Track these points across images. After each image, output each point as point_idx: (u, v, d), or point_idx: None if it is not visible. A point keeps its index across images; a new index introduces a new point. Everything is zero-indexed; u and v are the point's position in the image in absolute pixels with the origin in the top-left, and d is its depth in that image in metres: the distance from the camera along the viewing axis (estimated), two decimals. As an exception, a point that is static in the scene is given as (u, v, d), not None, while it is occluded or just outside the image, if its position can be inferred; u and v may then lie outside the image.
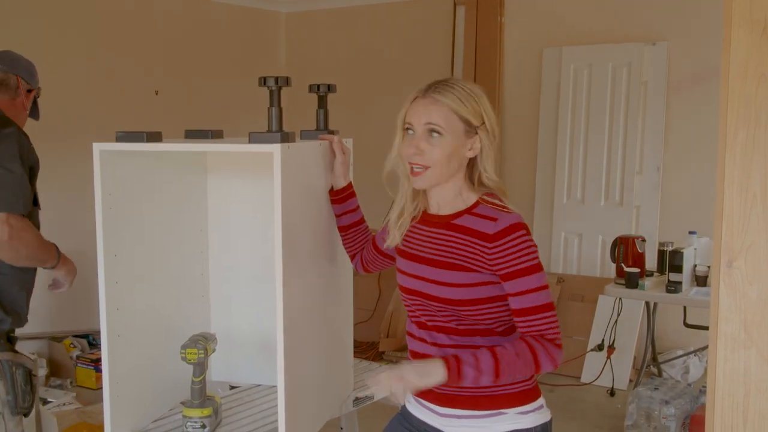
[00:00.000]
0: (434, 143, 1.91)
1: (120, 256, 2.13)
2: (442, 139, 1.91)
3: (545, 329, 1.90)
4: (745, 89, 1.48)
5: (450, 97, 1.91)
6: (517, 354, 1.86)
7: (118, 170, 2.12)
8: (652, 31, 5.69)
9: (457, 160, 1.95)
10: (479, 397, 1.98)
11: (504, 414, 1.98)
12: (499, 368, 1.85)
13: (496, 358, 1.85)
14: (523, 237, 1.89)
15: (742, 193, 1.49)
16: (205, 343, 2.21)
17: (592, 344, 5.39)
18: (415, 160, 1.93)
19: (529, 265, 1.89)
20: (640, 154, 5.76)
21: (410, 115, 1.95)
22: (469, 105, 1.92)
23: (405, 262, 2.07)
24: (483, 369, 1.84)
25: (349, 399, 2.50)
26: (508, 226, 1.89)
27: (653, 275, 4.69)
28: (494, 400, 1.98)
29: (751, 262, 1.49)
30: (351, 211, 2.32)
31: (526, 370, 1.88)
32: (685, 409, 4.20)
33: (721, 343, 1.53)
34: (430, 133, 1.91)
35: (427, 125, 1.91)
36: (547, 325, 1.90)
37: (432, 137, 1.92)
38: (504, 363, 1.85)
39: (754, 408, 1.51)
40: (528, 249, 1.89)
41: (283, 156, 1.89)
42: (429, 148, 1.92)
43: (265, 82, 2.00)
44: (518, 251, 1.88)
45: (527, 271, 1.88)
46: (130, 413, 2.22)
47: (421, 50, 6.69)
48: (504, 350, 1.87)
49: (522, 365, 1.87)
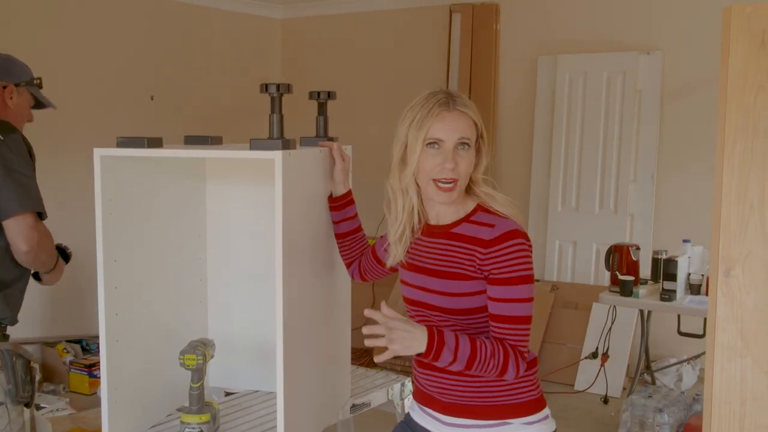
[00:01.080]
0: (463, 156, 1.93)
1: (120, 262, 2.13)
2: (470, 151, 1.94)
3: (516, 341, 1.90)
4: (743, 99, 1.50)
5: (472, 109, 1.94)
6: (492, 354, 1.87)
7: (119, 176, 2.12)
8: (646, 40, 5.72)
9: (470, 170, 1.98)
10: (485, 407, 1.98)
11: (509, 424, 1.98)
12: (473, 362, 1.86)
13: (474, 350, 1.86)
14: (519, 246, 1.89)
15: (740, 203, 1.51)
16: (204, 349, 2.21)
17: (585, 352, 5.40)
18: (450, 175, 1.92)
19: (518, 276, 1.88)
20: (635, 162, 5.78)
21: (437, 130, 1.91)
22: (478, 116, 1.96)
23: (408, 274, 2.08)
24: (459, 357, 1.85)
25: (347, 405, 2.51)
26: (505, 232, 1.90)
27: (647, 283, 4.71)
28: (500, 410, 1.98)
29: (748, 272, 1.50)
30: (349, 218, 2.32)
31: (493, 372, 1.88)
32: (679, 417, 4.21)
33: (718, 351, 1.54)
34: (462, 146, 1.92)
35: (460, 139, 1.91)
36: (519, 338, 1.90)
37: (461, 150, 1.92)
38: (479, 358, 1.86)
39: (751, 417, 1.52)
40: (521, 259, 1.88)
41: (284, 163, 1.90)
42: (459, 161, 1.92)
43: (266, 89, 2.01)
44: (511, 259, 1.88)
45: (515, 280, 1.88)
46: (128, 419, 2.21)
47: (416, 58, 6.71)
48: (483, 346, 1.87)
49: (493, 366, 1.88)
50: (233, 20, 6.98)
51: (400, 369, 5.55)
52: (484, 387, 1.97)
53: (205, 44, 6.70)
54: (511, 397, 1.98)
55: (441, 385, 2.02)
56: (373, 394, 2.62)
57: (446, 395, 2.02)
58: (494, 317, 1.91)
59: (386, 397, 2.67)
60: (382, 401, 2.66)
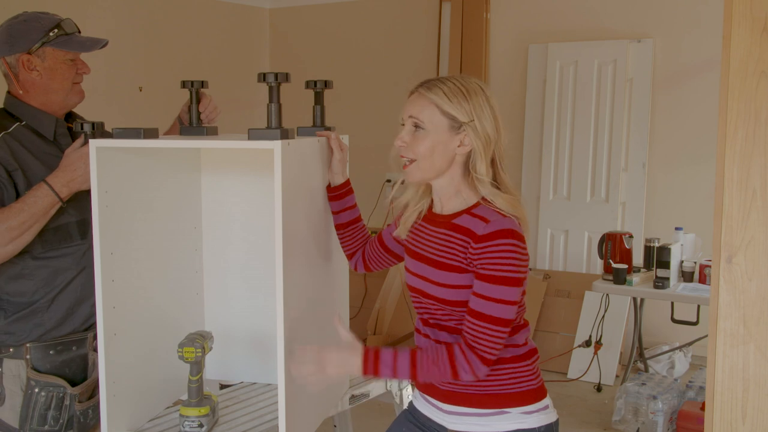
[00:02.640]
0: (417, 136, 1.95)
1: (116, 254, 2.11)
2: (425, 132, 1.94)
3: (480, 340, 1.88)
4: (745, 86, 1.49)
5: (436, 92, 1.93)
6: (434, 361, 1.90)
7: (115, 167, 2.10)
8: (637, 28, 5.73)
9: (444, 156, 1.95)
10: (483, 396, 1.99)
11: (507, 413, 1.98)
12: (416, 373, 1.91)
13: (413, 363, 1.90)
14: (509, 245, 1.86)
15: (742, 190, 1.50)
16: (203, 341, 2.19)
17: (578, 340, 5.42)
18: (402, 152, 1.98)
19: (500, 275, 1.86)
20: (626, 150, 5.79)
21: (403, 110, 1.99)
22: (455, 100, 1.91)
23: (410, 261, 2.08)
24: (399, 371, 1.91)
25: (346, 396, 2.50)
26: (497, 230, 1.87)
27: (640, 271, 4.72)
28: (498, 399, 1.99)
29: (751, 258, 1.50)
30: (349, 208, 2.31)
31: (444, 377, 1.91)
32: (673, 404, 4.23)
33: (720, 338, 1.54)
34: (415, 127, 1.95)
35: (410, 119, 1.95)
36: (483, 337, 1.88)
37: (417, 131, 1.95)
38: (419, 368, 1.90)
39: (753, 403, 1.53)
40: (509, 258, 1.86)
41: (283, 153, 1.88)
42: (413, 141, 1.95)
43: (264, 78, 1.99)
44: (498, 257, 1.86)
45: (497, 279, 1.86)
46: (127, 412, 2.20)
47: (406, 47, 6.70)
48: (423, 356, 1.91)
49: (438, 373, 1.90)
50: (221, 10, 6.94)
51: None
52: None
53: (193, 34, 6.66)
54: (509, 387, 1.98)
55: None
56: (372, 385, 2.62)
57: (445, 384, 2.02)
58: (469, 311, 1.90)
59: (385, 388, 2.66)
60: (380, 392, 2.66)
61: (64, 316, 2.35)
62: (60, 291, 2.34)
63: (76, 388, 2.35)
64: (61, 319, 2.35)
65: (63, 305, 2.35)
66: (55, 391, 2.32)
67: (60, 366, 2.36)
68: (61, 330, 2.36)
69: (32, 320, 2.32)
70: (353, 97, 6.71)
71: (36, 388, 2.30)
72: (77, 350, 2.39)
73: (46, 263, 2.32)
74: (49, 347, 2.34)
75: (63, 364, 2.36)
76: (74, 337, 2.38)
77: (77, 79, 2.42)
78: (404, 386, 2.71)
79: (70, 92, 2.40)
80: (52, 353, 2.34)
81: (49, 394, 2.31)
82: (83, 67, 2.43)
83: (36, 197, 2.20)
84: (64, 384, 2.34)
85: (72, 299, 2.36)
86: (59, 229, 2.31)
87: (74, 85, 2.41)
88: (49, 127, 2.37)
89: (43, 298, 2.32)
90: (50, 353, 2.33)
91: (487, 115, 1.94)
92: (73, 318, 2.37)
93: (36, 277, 2.31)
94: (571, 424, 4.59)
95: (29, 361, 2.31)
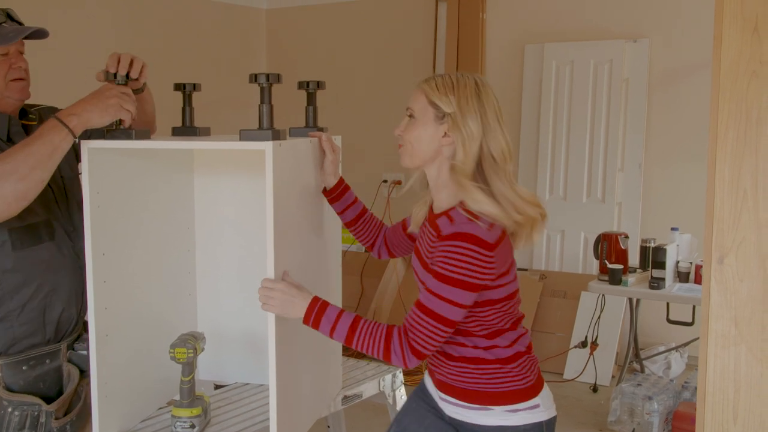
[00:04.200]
0: (409, 125, 2.04)
1: (108, 255, 2.11)
2: (415, 121, 2.02)
3: (417, 332, 1.89)
4: (736, 86, 1.49)
5: (429, 84, 2.01)
6: (371, 336, 1.92)
7: (106, 168, 2.09)
8: (633, 28, 5.72)
9: (430, 144, 2.00)
10: (469, 391, 2.03)
11: (491, 410, 2.02)
12: (351, 339, 1.93)
13: (353, 329, 1.93)
14: (466, 249, 1.86)
15: (733, 190, 1.50)
16: (195, 342, 2.19)
17: (574, 340, 5.41)
18: (398, 140, 2.08)
19: (446, 275, 1.86)
20: (622, 151, 5.79)
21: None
22: (441, 91, 1.97)
23: (413, 256, 2.18)
24: (337, 331, 1.94)
25: (339, 397, 2.50)
26: (457, 232, 1.88)
27: (636, 272, 4.72)
28: (482, 396, 2.02)
29: (742, 259, 1.50)
30: (351, 204, 2.33)
31: (375, 352, 1.92)
32: (668, 404, 4.23)
33: (712, 339, 1.54)
34: (410, 116, 2.04)
35: (407, 110, 2.05)
36: (422, 331, 1.89)
37: (410, 120, 2.04)
38: (357, 337, 1.93)
39: (745, 404, 1.52)
40: (462, 262, 1.85)
41: (275, 153, 1.88)
42: (406, 129, 2.04)
43: (256, 79, 1.98)
44: (452, 258, 1.86)
45: (443, 277, 1.87)
46: (119, 413, 2.20)
47: (402, 47, 6.69)
48: (365, 325, 1.93)
49: (372, 348, 1.92)
50: (217, 10, 6.93)
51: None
52: (467, 371, 2.03)
53: (188, 35, 6.65)
54: (492, 386, 2.02)
55: (433, 361, 2.10)
56: (365, 385, 2.62)
57: (437, 372, 2.10)
58: (416, 302, 1.93)
59: (377, 389, 2.66)
60: (373, 392, 2.65)
61: (36, 324, 2.19)
62: (31, 296, 2.18)
63: (52, 405, 2.21)
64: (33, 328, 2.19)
65: (34, 312, 2.19)
66: (30, 410, 2.17)
67: (34, 381, 2.20)
68: (33, 340, 2.19)
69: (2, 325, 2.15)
70: (350, 98, 6.71)
71: (9, 407, 2.15)
72: (51, 363, 2.24)
73: (15, 266, 2.14)
74: (21, 363, 2.18)
75: (37, 379, 2.21)
76: (47, 349, 2.22)
77: (13, 74, 2.18)
78: (397, 387, 2.71)
79: (5, 90, 2.17)
80: (25, 368, 2.18)
81: (24, 413, 2.17)
82: (18, 61, 2.20)
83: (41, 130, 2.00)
84: (39, 402, 2.18)
85: (43, 305, 2.20)
86: (29, 229, 2.14)
87: (10, 83, 2.18)
88: (1, 126, 2.18)
89: (13, 302, 2.15)
90: (23, 369, 2.18)
91: (472, 109, 1.95)
92: (46, 327, 2.22)
93: (5, 281, 2.15)
94: (567, 425, 4.59)
95: (1, 379, 2.16)
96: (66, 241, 2.23)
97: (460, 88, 1.96)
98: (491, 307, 1.97)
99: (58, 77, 5.50)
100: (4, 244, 2.11)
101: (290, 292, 1.94)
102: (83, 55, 5.73)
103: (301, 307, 1.95)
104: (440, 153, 2.00)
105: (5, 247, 2.11)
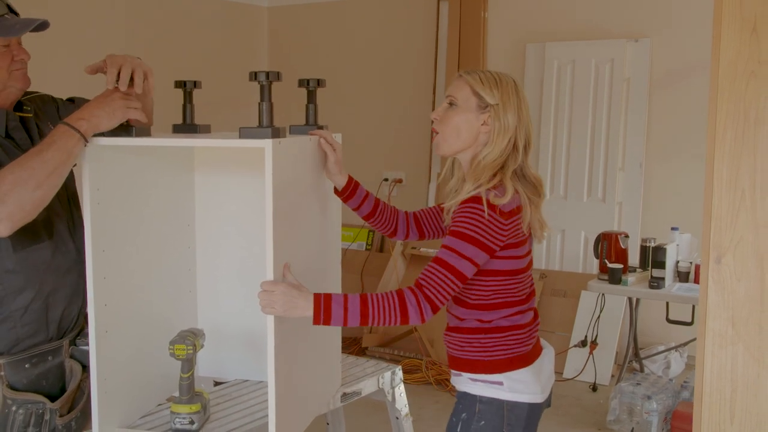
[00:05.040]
0: (449, 112, 2.16)
1: (108, 252, 2.11)
2: (456, 109, 2.15)
3: (431, 281, 1.99)
4: (734, 87, 1.50)
5: (473, 76, 2.15)
6: (385, 300, 1.97)
7: (107, 165, 2.10)
8: (634, 27, 5.72)
9: (469, 132, 2.15)
10: (451, 357, 2.22)
11: (459, 376, 2.20)
12: (366, 316, 1.97)
13: (365, 305, 1.97)
14: (481, 211, 2.01)
15: (731, 190, 1.51)
16: (194, 338, 2.19)
17: (574, 340, 5.41)
18: (435, 125, 2.20)
19: (462, 231, 2.01)
20: (623, 150, 5.79)
21: (445, 92, 2.24)
22: (486, 84, 2.13)
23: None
24: (350, 309, 1.97)
25: (338, 394, 2.50)
26: (476, 196, 2.04)
27: (636, 271, 4.72)
28: (455, 362, 2.19)
29: (739, 259, 1.51)
30: (365, 199, 2.38)
31: (393, 319, 1.98)
32: (667, 404, 4.23)
33: (709, 339, 1.55)
34: (450, 104, 2.17)
35: (448, 98, 2.18)
36: (435, 280, 1.99)
37: (450, 108, 2.17)
38: (372, 311, 1.97)
39: (741, 404, 1.53)
40: (469, 218, 2.01)
41: (274, 151, 1.89)
42: (445, 116, 2.17)
43: (255, 77, 1.99)
44: (465, 217, 2.02)
45: (459, 234, 2.01)
46: (118, 409, 2.20)
47: (404, 45, 6.69)
48: (374, 296, 1.99)
49: (391, 313, 1.97)
50: (220, 8, 6.94)
51: (389, 358, 5.56)
52: (451, 339, 2.20)
53: (190, 33, 6.65)
54: (462, 352, 2.17)
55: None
56: (364, 382, 2.62)
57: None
58: (433, 258, 2.04)
59: (377, 386, 2.67)
60: (372, 390, 2.66)
61: (39, 324, 2.19)
62: (33, 298, 2.16)
63: (56, 402, 2.22)
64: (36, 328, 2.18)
65: (37, 312, 2.18)
66: (34, 408, 2.18)
67: (36, 379, 2.20)
68: (35, 339, 2.19)
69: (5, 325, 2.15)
70: (352, 96, 6.71)
71: (13, 406, 2.15)
72: (53, 360, 2.24)
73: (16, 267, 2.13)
74: (24, 361, 2.17)
75: (40, 377, 2.21)
76: (49, 346, 2.22)
77: (15, 66, 2.17)
78: (396, 384, 2.72)
79: (8, 81, 2.16)
80: (28, 366, 2.18)
81: (28, 411, 2.17)
82: (20, 53, 2.19)
83: (53, 136, 2.00)
84: (42, 399, 2.19)
85: (45, 305, 2.20)
86: (29, 228, 2.09)
87: (13, 73, 2.17)
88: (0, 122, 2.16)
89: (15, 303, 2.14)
90: (26, 367, 2.17)
91: (512, 105, 2.14)
92: (49, 326, 2.22)
93: (7, 282, 2.13)
94: (566, 424, 4.60)
95: (4, 378, 2.16)
96: (65, 238, 2.23)
97: (503, 85, 2.14)
98: (493, 278, 2.11)
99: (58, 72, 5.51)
100: (4, 245, 2.11)
101: (291, 293, 1.94)
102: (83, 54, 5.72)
103: (304, 307, 1.96)
104: (477, 140, 2.15)
105: (5, 248, 2.11)
